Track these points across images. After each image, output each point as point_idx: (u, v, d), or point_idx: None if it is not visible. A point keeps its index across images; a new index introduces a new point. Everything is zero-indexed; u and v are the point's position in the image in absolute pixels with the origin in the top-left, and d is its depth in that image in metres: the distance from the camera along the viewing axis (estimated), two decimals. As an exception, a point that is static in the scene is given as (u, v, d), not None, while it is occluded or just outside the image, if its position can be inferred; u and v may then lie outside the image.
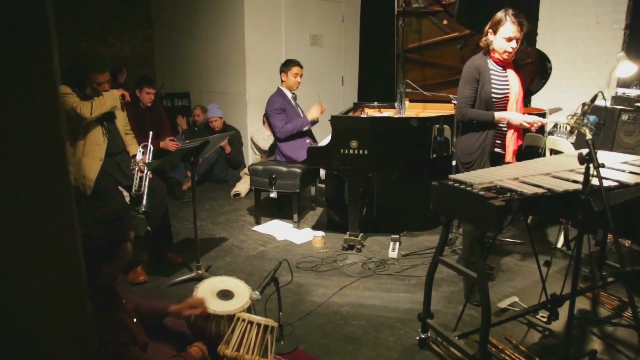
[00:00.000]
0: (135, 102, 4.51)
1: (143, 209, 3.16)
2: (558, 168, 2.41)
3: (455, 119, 3.14)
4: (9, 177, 0.69)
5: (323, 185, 4.82)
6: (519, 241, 3.85)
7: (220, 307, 2.34)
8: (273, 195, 4.26)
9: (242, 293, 2.49)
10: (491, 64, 2.86)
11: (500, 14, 2.79)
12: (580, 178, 2.05)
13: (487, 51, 2.90)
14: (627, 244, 3.70)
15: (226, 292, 2.48)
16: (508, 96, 2.87)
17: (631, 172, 2.39)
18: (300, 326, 2.71)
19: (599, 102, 2.47)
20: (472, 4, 4.77)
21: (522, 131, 2.97)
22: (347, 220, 3.82)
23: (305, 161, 4.27)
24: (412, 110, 4.35)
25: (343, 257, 3.65)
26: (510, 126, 2.88)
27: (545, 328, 2.64)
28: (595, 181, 1.92)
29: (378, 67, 6.52)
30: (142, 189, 3.19)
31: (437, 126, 3.67)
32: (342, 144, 3.58)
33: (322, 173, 4.74)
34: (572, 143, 3.75)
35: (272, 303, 2.58)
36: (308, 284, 3.23)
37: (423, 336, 2.49)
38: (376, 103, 4.73)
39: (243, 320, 2.16)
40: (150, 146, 3.39)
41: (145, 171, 3.24)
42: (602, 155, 2.70)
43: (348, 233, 3.81)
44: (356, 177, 3.69)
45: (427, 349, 2.48)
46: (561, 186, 2.08)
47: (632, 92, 3.76)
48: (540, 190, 2.04)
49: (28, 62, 0.67)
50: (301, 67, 4.47)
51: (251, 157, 5.82)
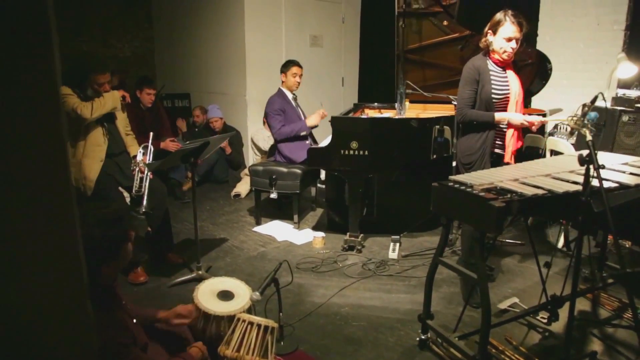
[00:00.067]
0: (135, 103, 4.51)
1: (143, 210, 3.16)
2: (558, 169, 2.41)
3: (455, 120, 3.14)
4: (10, 178, 0.69)
5: (323, 186, 4.82)
6: (519, 242, 3.85)
7: (220, 308, 2.34)
8: (273, 196, 4.26)
9: (243, 294, 2.49)
10: (491, 65, 2.87)
11: (499, 15, 2.80)
12: (580, 179, 2.05)
13: (487, 52, 2.90)
14: (628, 245, 3.70)
15: (226, 293, 2.48)
16: (508, 97, 2.88)
17: (631, 174, 2.39)
18: (300, 327, 2.71)
19: (599, 103, 2.47)
20: (473, 5, 4.77)
21: (523, 132, 2.98)
22: (348, 221, 3.82)
23: (304, 162, 4.27)
24: (413, 111, 4.35)
25: (343, 258, 3.65)
26: (510, 126, 2.88)
27: (545, 329, 2.64)
28: (595, 182, 1.92)
29: (378, 68, 6.52)
30: (143, 190, 3.19)
31: (438, 127, 3.68)
32: (343, 145, 3.58)
33: (323, 174, 4.74)
34: (573, 144, 3.75)
35: (273, 304, 2.58)
36: (308, 285, 3.23)
37: (423, 337, 2.49)
38: (376, 104, 4.74)
39: (243, 321, 2.16)
40: (150, 147, 3.39)
41: (145, 172, 3.24)
42: (603, 156, 2.70)
43: (348, 234, 3.81)
44: (356, 178, 3.69)
45: (427, 350, 2.48)
46: (561, 187, 2.09)
47: (633, 93, 3.76)
48: (540, 191, 2.05)
49: (29, 63, 0.67)
50: (300, 67, 4.48)
51: (251, 158, 5.82)
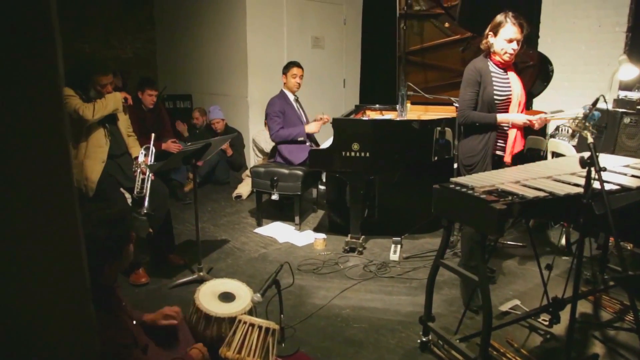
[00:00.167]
0: (137, 104, 4.51)
1: (145, 211, 3.16)
2: (560, 171, 2.41)
3: (457, 122, 3.14)
4: (13, 178, 0.70)
5: (324, 187, 4.82)
6: (521, 244, 3.85)
7: (221, 310, 2.34)
8: (275, 197, 4.26)
9: (244, 295, 2.49)
10: (492, 67, 2.87)
11: (500, 17, 2.80)
12: (581, 181, 2.05)
13: (488, 54, 2.90)
14: (629, 247, 3.70)
15: (227, 295, 2.48)
16: (510, 98, 2.87)
17: (633, 176, 2.39)
18: (301, 329, 2.71)
19: (601, 105, 2.47)
20: (474, 7, 4.77)
21: (524, 133, 2.97)
22: (349, 222, 3.82)
23: (302, 163, 4.28)
24: (414, 112, 4.36)
25: (344, 260, 3.65)
26: (513, 126, 2.88)
27: (546, 331, 2.64)
28: (596, 185, 1.92)
29: (380, 70, 6.52)
30: (144, 191, 3.20)
31: (439, 129, 3.68)
32: (344, 147, 3.58)
33: (324, 175, 4.74)
34: (574, 146, 3.75)
35: (274, 305, 2.58)
36: (309, 287, 3.23)
37: (424, 339, 2.49)
38: (378, 105, 4.74)
39: (244, 322, 2.16)
40: (152, 148, 3.39)
41: (147, 173, 3.25)
42: (604, 158, 2.70)
43: (349, 235, 3.81)
44: (358, 180, 3.69)
45: (429, 352, 2.48)
46: (563, 190, 2.08)
47: (634, 95, 3.76)
48: (541, 193, 2.04)
49: (32, 64, 0.67)
50: (300, 68, 4.48)
51: (253, 159, 5.82)
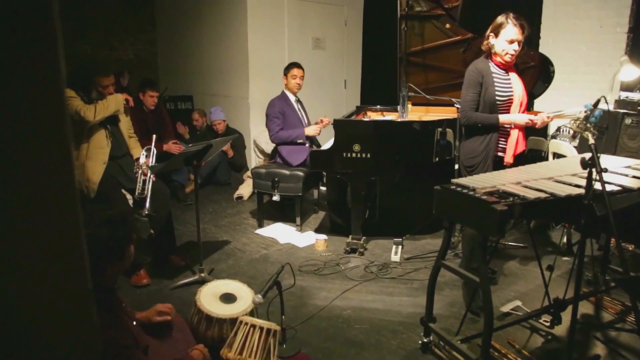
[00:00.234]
0: (138, 106, 4.52)
1: (146, 212, 3.17)
2: (561, 172, 2.41)
3: (459, 123, 3.14)
4: (15, 180, 0.70)
5: (325, 188, 4.82)
6: (522, 245, 3.84)
7: (223, 311, 2.35)
8: (276, 198, 4.27)
9: (245, 296, 2.50)
10: (493, 67, 2.87)
11: (501, 18, 2.80)
12: (583, 182, 2.05)
13: (489, 54, 2.90)
14: (631, 248, 3.69)
15: (229, 296, 2.49)
16: (512, 99, 2.87)
17: (634, 177, 2.39)
18: (302, 330, 2.71)
19: (602, 106, 2.47)
20: (475, 8, 4.77)
21: (526, 134, 2.97)
22: (350, 223, 3.82)
23: (299, 165, 4.28)
24: (415, 113, 4.36)
25: (346, 261, 3.65)
26: (516, 127, 2.87)
27: (548, 332, 2.63)
28: (598, 186, 1.92)
29: (381, 71, 6.52)
30: (146, 192, 3.21)
31: (440, 129, 3.68)
32: (345, 148, 3.59)
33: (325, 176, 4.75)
34: (575, 147, 3.75)
35: (275, 306, 2.59)
36: (310, 288, 3.23)
37: (425, 340, 2.49)
38: (379, 106, 4.74)
39: (246, 323, 2.16)
40: (153, 149, 3.40)
41: (148, 174, 3.26)
42: (605, 159, 2.69)
43: (351, 236, 3.81)
44: (359, 181, 3.69)
45: (430, 353, 2.48)
46: (564, 191, 2.08)
47: (636, 96, 3.76)
48: (542, 194, 2.04)
49: (34, 65, 0.67)
50: (300, 69, 4.48)
51: (254, 160, 5.83)
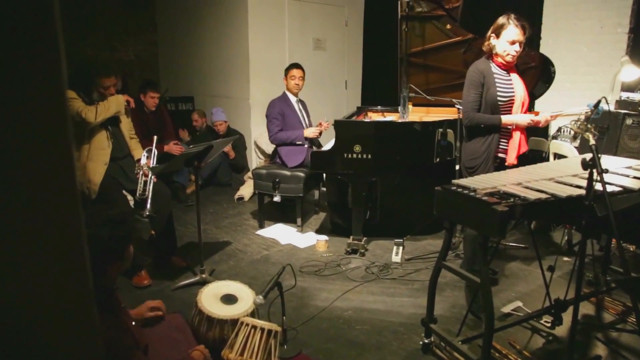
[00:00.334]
0: (139, 107, 4.53)
1: (147, 213, 3.17)
2: (562, 173, 2.41)
3: (460, 124, 3.14)
4: (16, 181, 0.70)
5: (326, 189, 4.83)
6: (523, 245, 3.84)
7: (224, 312, 2.35)
8: (277, 199, 4.27)
9: (246, 297, 2.50)
10: (494, 68, 2.86)
11: (502, 19, 2.80)
12: (584, 183, 2.05)
13: (490, 55, 2.90)
14: (632, 249, 3.69)
15: (230, 297, 2.49)
16: (513, 100, 2.86)
17: (635, 177, 2.39)
18: (303, 330, 2.72)
19: (603, 107, 2.47)
20: (475, 9, 4.77)
21: (527, 135, 2.97)
22: (351, 224, 3.82)
23: (297, 167, 4.29)
24: (416, 114, 4.36)
25: (346, 262, 3.65)
26: (517, 128, 2.87)
27: (549, 333, 2.63)
28: (598, 186, 1.92)
29: (381, 71, 6.53)
30: (147, 193, 3.21)
31: (441, 130, 3.68)
32: (346, 149, 3.59)
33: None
34: (576, 147, 3.75)
35: (276, 307, 2.59)
36: (311, 288, 3.23)
37: (426, 341, 2.49)
38: (379, 107, 4.74)
39: (247, 324, 2.17)
40: (154, 150, 3.40)
41: (149, 175, 3.26)
42: (606, 160, 2.69)
43: (351, 237, 3.81)
44: (359, 182, 3.69)
45: (431, 354, 2.48)
46: (564, 191, 2.08)
47: (636, 96, 3.76)
48: (543, 195, 2.04)
49: (35, 67, 0.67)
50: (299, 70, 4.48)
51: (255, 161, 5.83)
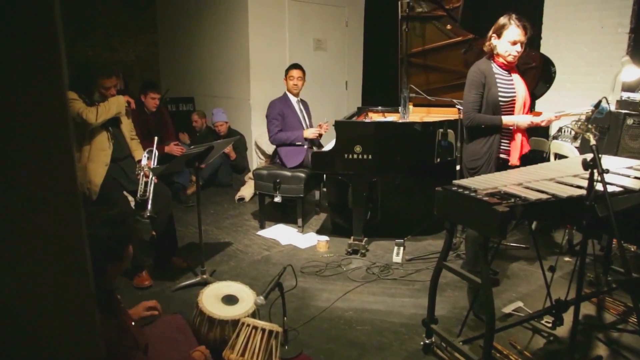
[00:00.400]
0: (140, 107, 4.53)
1: (148, 214, 3.18)
2: (562, 173, 2.41)
3: (461, 124, 3.14)
4: (17, 182, 0.70)
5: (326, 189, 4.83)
6: (524, 246, 3.84)
7: (225, 312, 2.35)
8: (277, 199, 4.27)
9: (247, 298, 2.50)
10: (496, 68, 2.86)
11: (503, 19, 2.80)
12: (584, 183, 2.04)
13: (491, 55, 2.89)
14: (633, 249, 3.68)
15: (231, 297, 2.49)
16: (514, 100, 2.86)
17: (636, 178, 2.39)
18: (304, 331, 2.72)
19: (603, 107, 2.47)
20: (476, 9, 4.77)
21: (528, 136, 2.97)
22: (351, 224, 3.82)
23: (295, 167, 4.29)
24: (416, 114, 4.36)
25: (347, 262, 3.65)
26: (518, 129, 2.87)
27: (550, 333, 2.63)
28: (599, 186, 1.92)
29: (382, 72, 6.53)
30: (147, 194, 3.21)
31: (441, 130, 3.68)
32: (346, 149, 3.59)
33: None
34: (577, 147, 3.75)
35: (277, 308, 2.59)
36: (312, 289, 3.23)
37: (427, 341, 2.49)
38: (380, 107, 4.74)
39: (248, 325, 2.17)
40: (155, 151, 3.41)
41: (150, 176, 3.26)
42: (607, 160, 2.69)
43: (352, 238, 3.81)
44: (360, 182, 3.69)
45: (432, 354, 2.48)
46: (565, 192, 2.08)
47: (637, 97, 3.76)
48: (544, 196, 2.04)
49: (36, 68, 0.67)
50: (298, 70, 4.48)
51: (255, 162, 5.83)
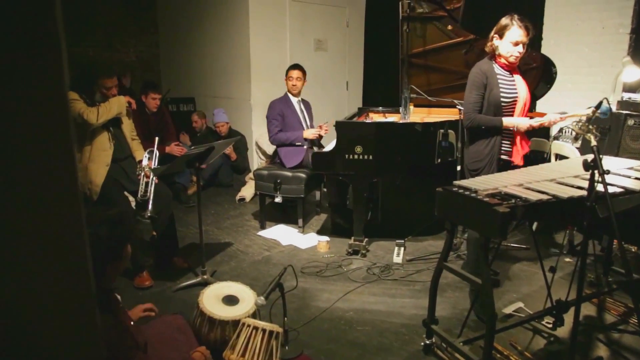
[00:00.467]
0: (140, 108, 4.53)
1: (149, 214, 3.18)
2: (563, 174, 2.41)
3: (461, 125, 3.14)
4: (18, 183, 0.70)
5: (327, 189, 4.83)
6: (524, 246, 3.84)
7: (225, 313, 2.36)
8: (278, 200, 4.27)
9: (247, 298, 2.51)
10: (497, 69, 2.85)
11: (505, 19, 2.78)
12: (585, 184, 2.04)
13: (493, 56, 2.88)
14: (634, 250, 3.68)
15: (231, 298, 2.49)
16: (517, 100, 2.85)
17: (637, 178, 2.38)
18: (305, 331, 2.72)
19: (604, 108, 2.46)
20: (476, 9, 4.77)
21: (528, 136, 2.96)
22: (352, 225, 3.82)
23: (294, 167, 4.29)
24: (417, 115, 4.36)
25: (348, 262, 3.65)
26: (518, 132, 2.87)
27: (550, 334, 2.63)
28: (600, 187, 1.92)
29: (382, 72, 6.53)
30: (148, 194, 3.22)
31: (442, 131, 3.68)
32: (347, 149, 3.59)
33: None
34: (578, 148, 3.75)
35: (277, 308, 2.59)
36: (313, 289, 3.23)
37: (428, 342, 2.49)
38: (381, 108, 4.74)
39: (248, 325, 2.17)
40: (156, 151, 3.41)
41: (151, 176, 3.27)
42: (608, 160, 2.69)
43: (353, 238, 3.81)
44: (361, 182, 3.69)
45: (432, 355, 2.48)
46: (566, 192, 2.08)
47: (638, 97, 3.76)
48: (545, 196, 2.04)
49: (37, 68, 0.68)
50: (297, 70, 4.48)
51: (256, 162, 5.84)
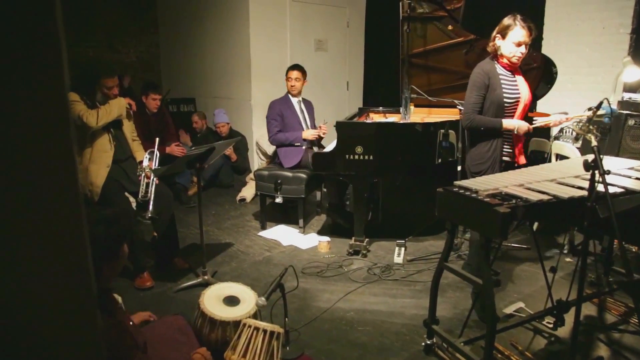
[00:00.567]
0: (141, 109, 4.54)
1: (149, 215, 3.18)
2: (564, 174, 2.41)
3: (462, 125, 3.13)
4: (18, 184, 0.70)
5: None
6: (525, 246, 3.84)
7: (226, 313, 2.36)
8: (278, 200, 4.27)
9: (248, 299, 2.51)
10: (500, 69, 2.84)
11: (508, 20, 2.77)
12: (586, 184, 2.04)
13: (495, 56, 2.87)
14: (634, 250, 3.68)
15: (232, 298, 2.50)
16: (519, 101, 2.84)
17: (637, 179, 2.38)
18: (305, 332, 2.72)
19: (605, 108, 2.47)
20: (477, 9, 4.77)
21: (528, 138, 2.96)
22: (353, 225, 3.82)
23: (293, 167, 4.29)
24: (417, 115, 4.36)
25: (348, 263, 3.65)
26: (517, 136, 2.86)
27: (551, 334, 2.63)
28: (601, 187, 1.92)
29: (383, 72, 6.53)
30: (149, 195, 3.22)
31: (443, 131, 3.68)
32: (347, 150, 3.59)
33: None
34: (578, 148, 3.75)
35: (278, 309, 2.59)
36: (314, 290, 3.23)
37: (428, 342, 2.49)
38: (381, 108, 4.74)
39: (249, 326, 2.17)
40: (156, 152, 3.41)
41: (151, 177, 3.27)
42: (608, 161, 2.69)
43: (353, 238, 3.81)
44: (361, 183, 3.69)
45: (433, 355, 2.48)
46: (566, 193, 2.08)
47: (639, 97, 3.75)
48: (545, 197, 2.04)
49: (37, 69, 0.68)
50: (296, 71, 4.48)
51: (257, 162, 5.84)
